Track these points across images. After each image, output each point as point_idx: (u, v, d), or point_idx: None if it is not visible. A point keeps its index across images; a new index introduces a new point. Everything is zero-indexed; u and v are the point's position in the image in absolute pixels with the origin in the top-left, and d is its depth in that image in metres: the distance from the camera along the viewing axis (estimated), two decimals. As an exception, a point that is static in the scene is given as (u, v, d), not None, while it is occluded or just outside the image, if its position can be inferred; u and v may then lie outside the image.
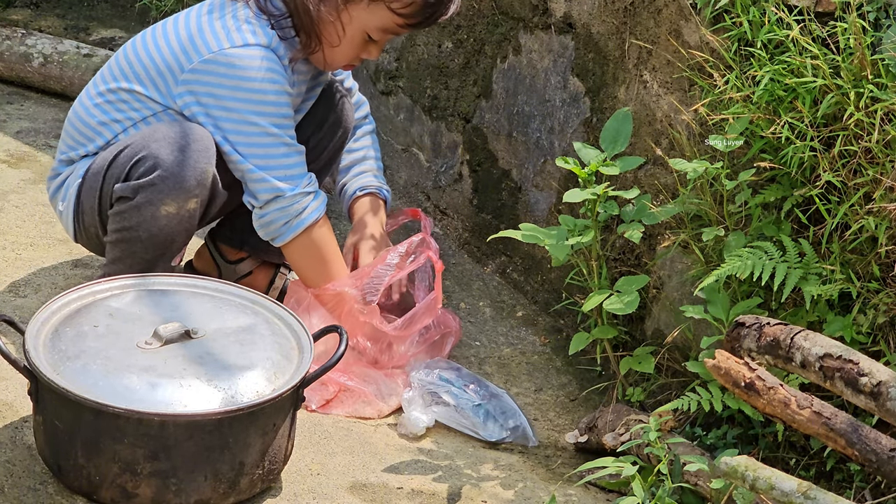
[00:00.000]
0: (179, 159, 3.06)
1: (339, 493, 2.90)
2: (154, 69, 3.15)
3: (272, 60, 3.12)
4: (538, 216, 3.67)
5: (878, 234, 2.75)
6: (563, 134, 3.58)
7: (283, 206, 3.16)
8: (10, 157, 4.00)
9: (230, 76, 3.09)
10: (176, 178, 3.06)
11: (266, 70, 3.10)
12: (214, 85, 3.11)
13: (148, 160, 3.06)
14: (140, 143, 3.10)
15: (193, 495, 2.69)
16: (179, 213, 3.09)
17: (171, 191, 3.06)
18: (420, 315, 3.27)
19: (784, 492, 2.38)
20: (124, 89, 3.18)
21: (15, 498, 2.70)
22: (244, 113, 3.10)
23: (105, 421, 2.64)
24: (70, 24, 4.83)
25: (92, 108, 3.21)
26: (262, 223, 3.20)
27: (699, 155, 3.05)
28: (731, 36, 3.01)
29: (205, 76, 3.11)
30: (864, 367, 2.42)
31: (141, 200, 3.07)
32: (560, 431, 3.25)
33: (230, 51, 3.10)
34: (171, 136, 3.08)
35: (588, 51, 3.49)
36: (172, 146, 3.07)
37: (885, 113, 2.75)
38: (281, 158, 3.14)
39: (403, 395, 3.20)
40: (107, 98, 3.19)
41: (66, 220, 3.24)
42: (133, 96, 3.17)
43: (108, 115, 3.19)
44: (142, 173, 3.07)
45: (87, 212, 3.17)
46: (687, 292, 3.20)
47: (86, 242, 3.26)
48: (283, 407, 2.76)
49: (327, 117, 3.39)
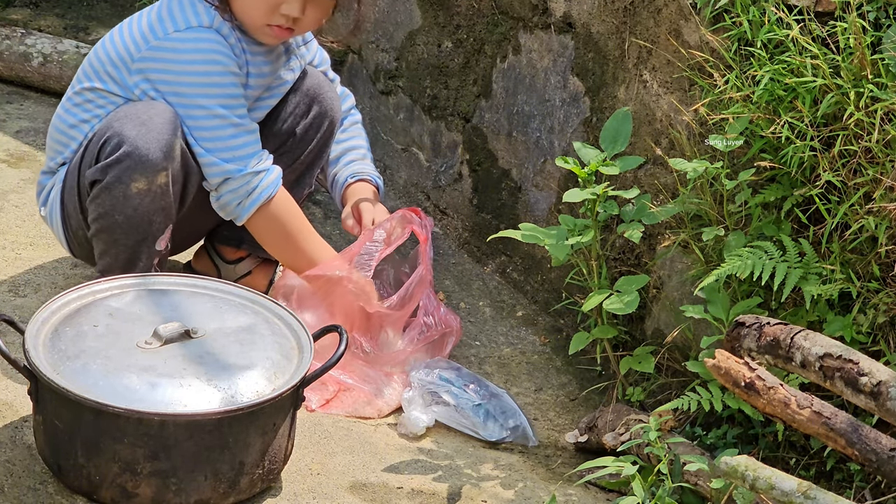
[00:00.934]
0: (142, 132, 3.06)
1: (339, 492, 2.90)
2: (109, 63, 3.16)
3: (214, 41, 3.11)
4: (538, 216, 3.67)
5: (878, 233, 2.75)
6: (563, 134, 3.58)
7: (233, 187, 3.16)
8: (10, 157, 4.00)
9: (175, 61, 3.11)
10: (140, 151, 3.05)
11: (208, 51, 3.11)
12: (163, 71, 3.12)
13: (113, 139, 3.07)
14: (105, 125, 3.12)
15: (193, 495, 2.69)
16: (151, 188, 3.08)
17: (138, 165, 3.05)
18: (414, 290, 3.26)
19: (784, 492, 2.38)
20: (87, 88, 3.19)
21: (15, 498, 2.70)
22: (192, 97, 3.11)
23: (105, 421, 2.64)
24: (70, 23, 4.83)
25: (64, 115, 3.23)
26: (219, 206, 3.21)
27: (699, 155, 3.05)
28: (731, 36, 3.01)
29: (154, 63, 3.12)
30: (864, 367, 2.42)
31: (111, 180, 3.07)
32: (560, 431, 3.25)
33: (173, 35, 3.11)
34: (134, 113, 3.09)
35: (588, 50, 3.49)
36: (135, 122, 3.07)
37: (885, 113, 2.75)
38: (228, 140, 3.14)
39: (403, 395, 3.20)
40: (74, 101, 3.21)
41: (57, 232, 3.26)
42: (96, 94, 3.18)
43: (77, 116, 3.20)
44: (108, 152, 3.08)
45: (72, 214, 3.18)
46: (687, 292, 3.20)
47: (80, 252, 3.25)
48: (283, 407, 2.76)
49: (311, 108, 3.38)
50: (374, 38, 4.10)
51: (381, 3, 4.06)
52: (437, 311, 3.35)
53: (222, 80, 3.12)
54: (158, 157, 3.06)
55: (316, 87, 3.39)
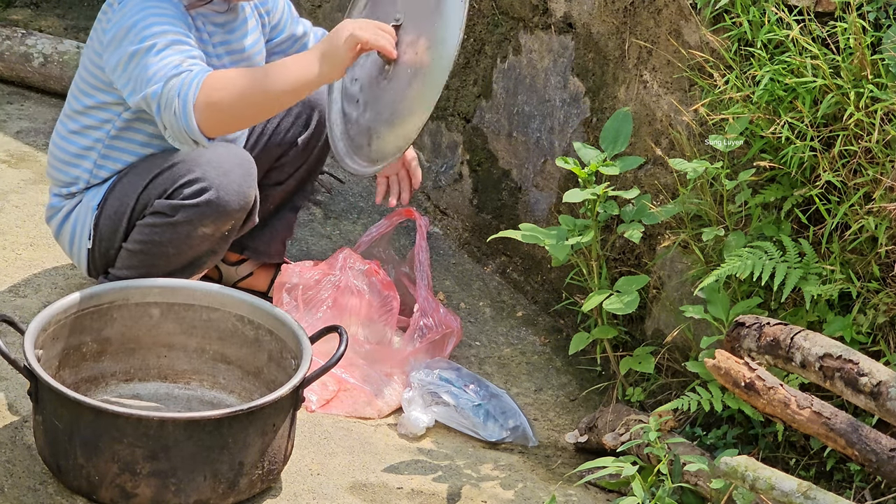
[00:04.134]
0: (224, 183, 3.05)
1: (339, 493, 2.90)
2: (89, 74, 3.11)
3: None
4: (538, 216, 3.67)
5: (878, 234, 2.75)
6: (563, 134, 3.58)
7: (163, 102, 2.87)
8: (11, 157, 4.00)
9: (116, 24, 2.98)
10: (221, 202, 3.05)
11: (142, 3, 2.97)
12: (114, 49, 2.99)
13: (197, 182, 3.05)
14: (188, 163, 3.07)
15: (193, 495, 2.69)
16: (214, 234, 3.09)
17: (214, 214, 3.06)
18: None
19: (784, 492, 2.38)
20: (81, 111, 3.14)
21: (15, 498, 2.70)
22: (126, 50, 2.95)
23: (104, 421, 2.64)
24: (70, 24, 4.83)
25: (66, 144, 3.17)
26: (169, 135, 2.93)
27: (699, 155, 3.05)
28: (731, 36, 3.01)
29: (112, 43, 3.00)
30: (864, 367, 2.42)
31: (180, 219, 3.06)
32: (560, 431, 3.25)
33: (118, 5, 3.01)
34: (219, 159, 3.07)
35: (588, 51, 3.49)
36: (219, 169, 3.05)
37: (885, 113, 2.75)
38: (144, 71, 2.92)
39: (403, 395, 3.20)
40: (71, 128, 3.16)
41: (77, 253, 3.21)
42: (91, 115, 3.13)
43: (78, 144, 3.16)
44: (189, 194, 3.05)
45: (107, 238, 3.15)
46: (687, 292, 3.20)
47: (98, 271, 3.22)
48: (282, 407, 2.76)
49: (311, 117, 3.39)
50: None
51: (382, 3, 4.05)
52: (437, 312, 3.36)
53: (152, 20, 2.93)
54: (235, 209, 3.07)
55: (316, 97, 3.38)
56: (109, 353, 3.01)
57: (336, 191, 4.06)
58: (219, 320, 3.04)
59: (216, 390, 3.07)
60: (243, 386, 3.05)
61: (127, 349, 3.02)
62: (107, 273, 3.20)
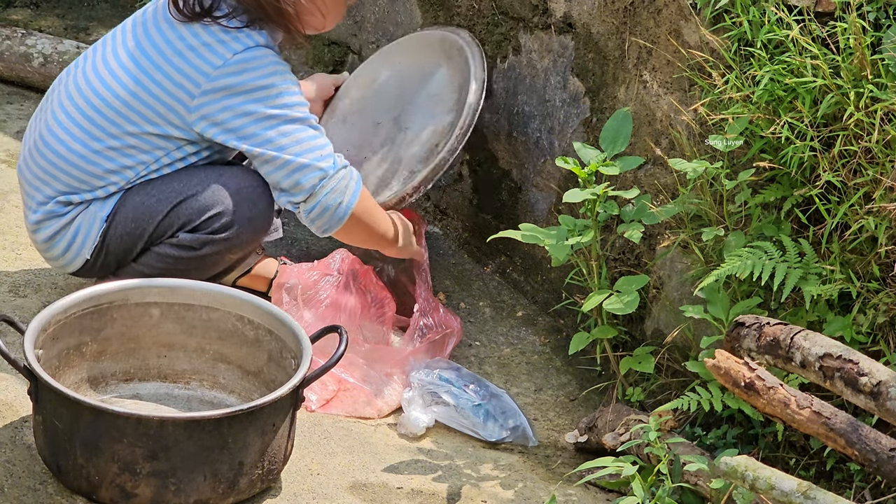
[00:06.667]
0: (253, 214, 3.12)
1: (339, 493, 2.90)
2: (160, 104, 3.08)
3: (271, 54, 3.09)
4: (538, 216, 3.67)
5: (878, 234, 2.75)
6: (563, 134, 3.58)
7: (333, 185, 3.10)
8: (11, 157, 4.00)
9: (239, 83, 3.05)
10: (249, 232, 3.13)
11: (272, 64, 3.08)
12: (226, 97, 3.05)
13: (224, 216, 3.09)
14: (212, 193, 3.10)
15: (193, 495, 2.69)
16: (239, 258, 3.20)
17: (242, 243, 3.14)
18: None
19: (784, 492, 2.38)
20: (133, 133, 3.10)
21: (15, 498, 2.70)
22: (264, 110, 3.06)
23: (104, 421, 2.64)
24: (70, 24, 4.83)
25: (94, 157, 3.11)
26: (314, 215, 3.13)
27: (699, 155, 3.05)
28: (731, 36, 3.01)
29: (214, 94, 3.05)
30: (864, 367, 2.42)
31: (207, 252, 3.11)
32: (560, 431, 3.25)
33: (238, 56, 3.06)
34: (240, 186, 3.11)
35: (588, 51, 3.49)
36: (246, 200, 3.11)
37: (885, 113, 2.75)
38: (313, 140, 3.10)
39: (403, 395, 3.20)
40: (110, 145, 3.10)
41: (71, 258, 3.18)
42: (143, 140, 3.10)
43: (117, 162, 3.11)
44: (216, 229, 3.09)
45: (115, 253, 3.14)
46: (687, 292, 3.20)
47: (91, 275, 3.22)
48: (282, 407, 2.76)
49: None
50: (374, 38, 4.10)
51: (382, 3, 4.06)
52: (437, 312, 3.36)
53: (289, 88, 3.08)
54: (262, 233, 3.18)
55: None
56: (109, 353, 3.01)
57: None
58: (219, 320, 3.04)
59: (216, 390, 3.07)
60: (243, 386, 3.05)
61: (127, 349, 3.02)
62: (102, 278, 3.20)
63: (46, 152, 3.15)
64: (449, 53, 3.60)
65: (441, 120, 3.51)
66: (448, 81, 3.57)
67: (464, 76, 3.52)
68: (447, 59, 3.60)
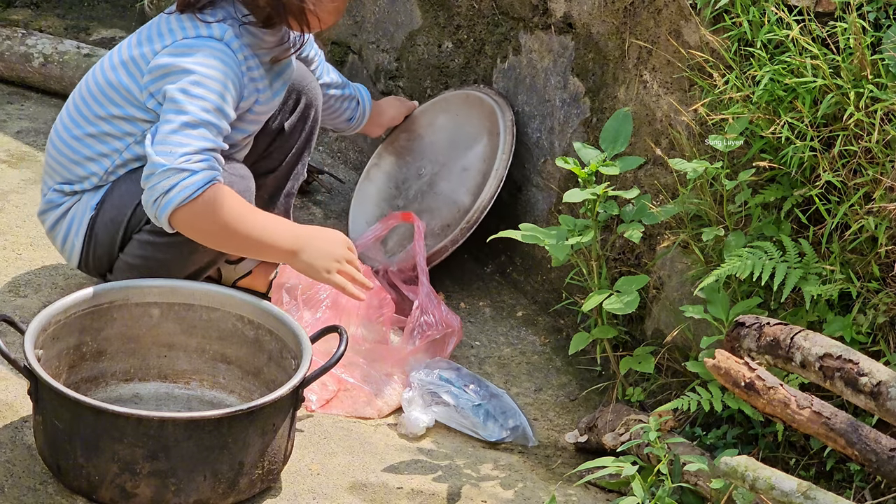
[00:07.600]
0: None
1: (339, 493, 2.90)
2: (122, 86, 3.10)
3: (226, 52, 3.05)
4: (538, 216, 3.67)
5: (878, 234, 2.75)
6: (563, 134, 3.58)
7: (153, 183, 2.94)
8: (11, 157, 4.00)
9: (171, 63, 3.02)
10: None
11: (212, 57, 3.03)
12: (164, 76, 3.03)
13: None
14: None
15: (193, 495, 2.69)
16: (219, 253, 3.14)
17: None
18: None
19: (784, 492, 2.38)
20: (102, 117, 3.12)
21: (15, 498, 2.70)
22: (174, 91, 2.99)
23: (104, 421, 2.64)
24: (70, 24, 4.83)
25: (75, 143, 3.14)
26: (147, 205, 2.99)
27: (699, 155, 3.05)
28: (731, 36, 3.01)
29: (154, 72, 3.04)
30: (864, 367, 2.42)
31: (181, 239, 3.03)
32: (560, 431, 3.25)
33: (184, 41, 3.05)
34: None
35: (588, 51, 3.49)
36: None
37: (885, 113, 2.75)
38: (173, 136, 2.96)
39: (403, 395, 3.20)
40: (88, 131, 3.13)
41: (70, 249, 3.19)
42: (112, 125, 3.11)
43: (94, 149, 3.13)
44: None
45: (103, 243, 3.14)
46: (687, 292, 3.20)
47: (91, 270, 3.23)
48: (282, 407, 2.76)
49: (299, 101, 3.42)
50: (374, 38, 4.10)
51: (382, 3, 4.06)
52: (438, 311, 3.36)
53: (212, 83, 3.01)
54: None
55: (300, 79, 3.41)
56: (109, 353, 3.01)
57: (336, 191, 4.06)
58: (219, 320, 3.04)
59: (216, 390, 3.07)
60: (243, 386, 3.05)
61: (127, 349, 3.02)
62: (104, 277, 3.20)
63: (49, 143, 3.23)
64: (491, 130, 3.66)
65: (460, 202, 3.63)
66: (480, 160, 3.65)
67: (488, 165, 3.61)
68: (489, 136, 3.66)
